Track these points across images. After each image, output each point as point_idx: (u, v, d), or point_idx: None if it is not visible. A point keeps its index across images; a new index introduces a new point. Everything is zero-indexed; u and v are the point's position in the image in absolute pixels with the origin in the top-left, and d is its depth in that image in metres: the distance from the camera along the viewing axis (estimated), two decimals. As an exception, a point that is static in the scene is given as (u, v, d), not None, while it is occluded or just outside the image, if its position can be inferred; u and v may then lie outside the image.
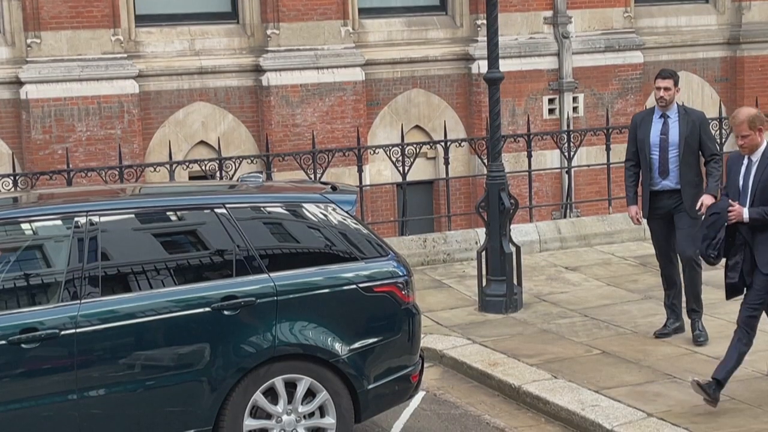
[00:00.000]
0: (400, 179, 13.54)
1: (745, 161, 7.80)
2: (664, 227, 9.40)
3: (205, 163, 13.22)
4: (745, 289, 7.84)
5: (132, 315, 6.76)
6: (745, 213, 7.62)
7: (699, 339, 9.30)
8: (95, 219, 6.86)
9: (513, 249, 10.72)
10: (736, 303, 10.46)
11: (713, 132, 14.52)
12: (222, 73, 15.41)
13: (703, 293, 10.91)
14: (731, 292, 7.92)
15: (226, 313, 6.89)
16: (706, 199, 8.95)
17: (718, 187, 9.07)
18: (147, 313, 6.78)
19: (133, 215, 7.13)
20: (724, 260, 7.89)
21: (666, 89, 9.21)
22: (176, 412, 6.81)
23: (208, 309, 6.87)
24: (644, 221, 9.61)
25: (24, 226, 6.92)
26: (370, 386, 7.21)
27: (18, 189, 12.32)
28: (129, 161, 13.82)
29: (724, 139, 14.61)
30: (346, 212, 7.43)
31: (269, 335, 6.96)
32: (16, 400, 6.51)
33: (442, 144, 13.58)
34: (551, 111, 16.94)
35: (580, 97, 17.01)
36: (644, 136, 9.33)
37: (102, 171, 12.52)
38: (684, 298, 9.53)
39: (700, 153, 9.27)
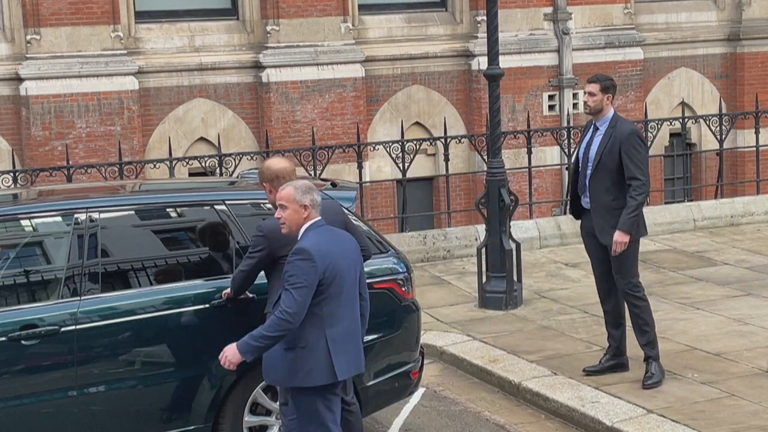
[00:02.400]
0: (400, 176, 13.54)
1: None
2: (597, 248, 8.31)
3: (205, 159, 13.22)
4: None
5: (132, 312, 6.75)
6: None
7: (647, 381, 8.17)
8: (95, 216, 6.85)
9: (513, 245, 10.71)
10: (737, 300, 10.51)
11: (715, 129, 14.59)
12: (222, 69, 15.41)
13: (703, 289, 10.94)
14: None
15: (226, 309, 6.88)
16: (618, 237, 7.99)
17: (632, 222, 8.00)
18: (147, 310, 6.78)
19: (133, 212, 7.13)
20: None
21: (590, 94, 8.16)
22: (176, 409, 6.80)
23: (207, 305, 6.86)
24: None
25: (24, 222, 6.92)
26: (370, 383, 7.21)
27: (18, 185, 12.32)
28: (129, 158, 13.82)
29: (724, 136, 14.61)
30: (346, 209, 7.42)
31: (269, 332, 6.94)
32: (17, 397, 6.51)
33: (442, 140, 13.58)
34: (551, 107, 16.93)
35: (580, 93, 16.98)
36: (579, 146, 8.43)
37: (102, 167, 12.51)
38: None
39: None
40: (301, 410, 6.04)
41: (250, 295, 6.90)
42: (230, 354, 5.99)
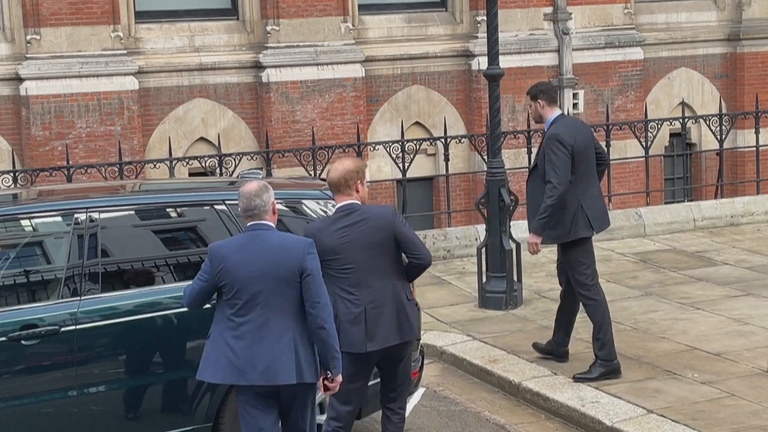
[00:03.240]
0: (400, 176, 13.54)
1: None
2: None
3: (205, 159, 13.22)
4: None
5: (132, 312, 6.75)
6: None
7: (579, 373, 8.40)
8: (95, 215, 6.85)
9: (513, 245, 10.71)
10: (737, 300, 10.50)
11: (715, 129, 14.59)
12: (222, 69, 15.40)
13: (703, 289, 10.95)
14: None
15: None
16: (529, 238, 8.33)
17: (541, 224, 8.24)
18: (147, 310, 6.77)
19: (133, 212, 7.13)
20: None
21: (529, 106, 8.68)
22: (177, 409, 6.79)
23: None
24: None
25: (24, 222, 6.91)
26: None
27: (18, 185, 12.32)
28: (129, 158, 13.82)
29: (724, 136, 14.61)
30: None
31: (269, 332, 6.93)
32: (17, 397, 6.50)
33: (442, 140, 13.58)
34: (551, 107, 16.91)
35: (581, 93, 17.00)
36: None
37: (102, 167, 12.52)
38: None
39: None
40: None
41: None
42: None
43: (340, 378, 6.08)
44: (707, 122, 14.83)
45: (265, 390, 5.95)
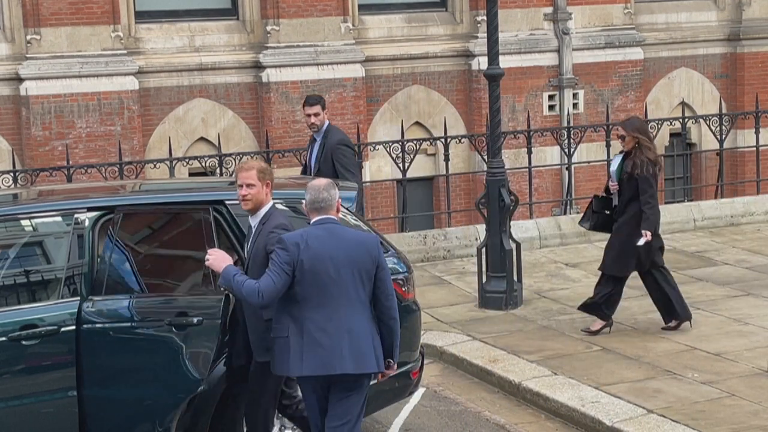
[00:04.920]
0: (400, 176, 13.54)
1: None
2: None
3: (205, 159, 13.22)
4: None
5: (133, 316, 6.71)
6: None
7: None
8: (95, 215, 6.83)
9: (513, 245, 10.71)
10: (737, 300, 10.51)
11: (715, 129, 14.59)
12: (222, 69, 15.41)
13: (703, 289, 10.97)
14: None
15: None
16: None
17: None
18: (147, 316, 6.73)
19: (133, 212, 7.10)
20: None
21: (315, 115, 9.53)
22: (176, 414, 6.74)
23: (208, 314, 6.80)
24: None
25: (24, 222, 6.91)
26: (370, 383, 7.19)
27: (18, 185, 12.32)
28: (129, 158, 13.82)
29: (724, 136, 14.61)
30: (346, 209, 7.42)
31: (269, 332, 6.92)
32: (16, 397, 6.50)
33: (442, 140, 13.58)
34: (551, 107, 16.93)
35: (580, 93, 17.01)
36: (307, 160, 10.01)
37: (102, 167, 12.52)
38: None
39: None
40: None
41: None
42: (216, 262, 6.22)
43: (396, 365, 6.45)
44: (707, 122, 14.84)
45: (326, 379, 6.11)
